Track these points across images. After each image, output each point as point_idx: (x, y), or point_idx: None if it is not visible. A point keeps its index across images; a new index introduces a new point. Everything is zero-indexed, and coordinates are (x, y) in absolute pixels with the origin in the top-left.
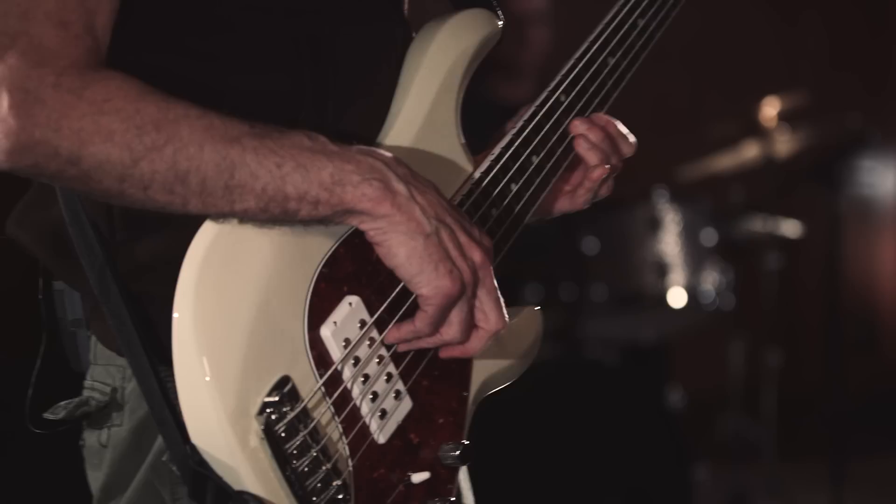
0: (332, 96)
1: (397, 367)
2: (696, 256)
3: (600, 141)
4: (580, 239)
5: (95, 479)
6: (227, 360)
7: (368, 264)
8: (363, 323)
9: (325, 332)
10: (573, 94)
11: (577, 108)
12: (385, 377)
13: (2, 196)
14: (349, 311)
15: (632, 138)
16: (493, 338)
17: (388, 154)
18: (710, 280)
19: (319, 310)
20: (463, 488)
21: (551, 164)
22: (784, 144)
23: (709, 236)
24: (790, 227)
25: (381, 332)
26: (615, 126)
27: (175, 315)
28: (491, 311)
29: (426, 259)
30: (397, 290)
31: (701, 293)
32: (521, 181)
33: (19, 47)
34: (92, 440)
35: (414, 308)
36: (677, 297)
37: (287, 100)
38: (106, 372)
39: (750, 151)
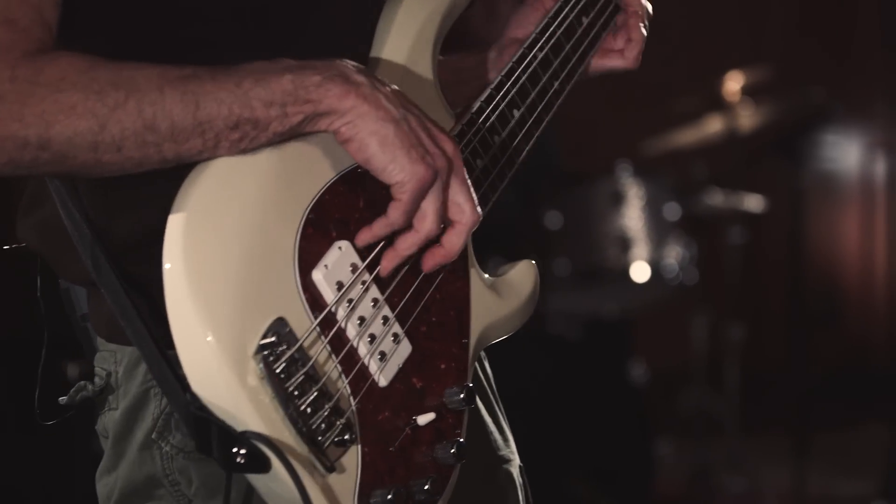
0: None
1: (393, 310)
2: (660, 231)
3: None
4: (543, 213)
5: (102, 464)
6: (221, 306)
7: (356, 211)
8: (355, 267)
9: (317, 275)
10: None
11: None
12: (381, 320)
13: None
14: (339, 255)
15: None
16: (468, 232)
17: (344, 59)
18: (674, 254)
19: (309, 253)
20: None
21: (555, 87)
22: (747, 119)
23: (672, 211)
24: (753, 202)
25: (372, 275)
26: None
27: (166, 265)
28: (465, 202)
29: (398, 145)
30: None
31: (664, 267)
32: (524, 106)
33: None
34: (100, 427)
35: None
36: (640, 272)
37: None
38: (102, 357)
39: (713, 126)
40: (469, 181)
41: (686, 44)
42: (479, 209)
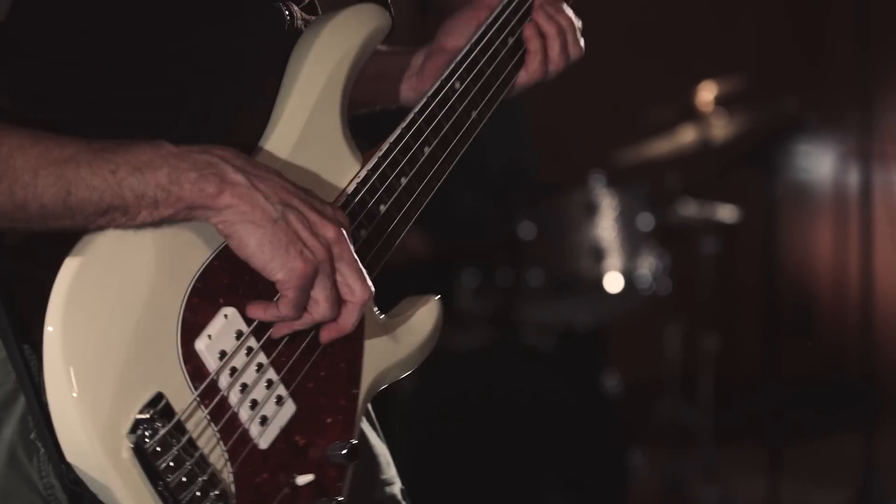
0: (214, 103)
1: (279, 372)
2: (633, 241)
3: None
4: (517, 223)
5: None
6: (98, 377)
7: (246, 274)
8: (240, 333)
9: (200, 345)
10: (468, 79)
11: (472, 94)
12: (265, 384)
13: None
14: (224, 324)
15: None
16: (362, 309)
17: (226, 149)
18: (647, 265)
19: (193, 324)
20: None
21: (446, 153)
22: (721, 129)
23: (645, 221)
24: (727, 212)
25: (258, 341)
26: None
27: (48, 328)
28: (354, 282)
29: (276, 244)
30: (278, 296)
31: (637, 278)
32: (412, 173)
33: None
34: None
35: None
36: (614, 282)
37: (167, 108)
38: None
39: (686, 136)
40: (357, 260)
41: (659, 54)
42: (370, 286)
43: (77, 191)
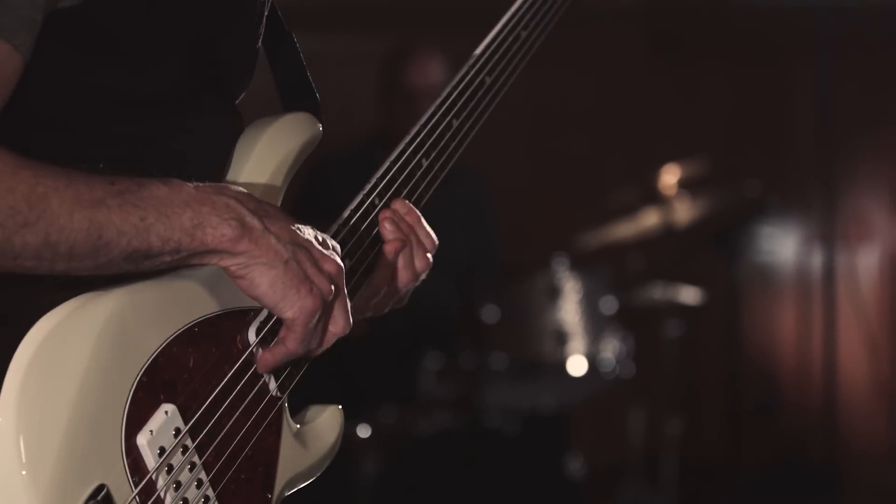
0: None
1: (208, 473)
2: (596, 324)
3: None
4: (480, 307)
5: None
6: (45, 469)
7: (185, 371)
8: (178, 431)
9: (142, 440)
10: (388, 194)
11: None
12: (196, 483)
13: None
14: (165, 420)
15: (433, 235)
16: (335, 339)
17: (238, 189)
18: (611, 348)
19: (137, 418)
20: None
21: (362, 269)
22: (684, 212)
23: (609, 304)
24: (690, 295)
25: (194, 440)
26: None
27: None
28: (340, 315)
29: (288, 284)
30: (212, 396)
31: (601, 361)
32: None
33: None
34: None
35: (229, 414)
36: (577, 366)
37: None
38: None
39: (650, 219)
40: (346, 294)
41: (621, 138)
42: (350, 321)
43: (107, 235)
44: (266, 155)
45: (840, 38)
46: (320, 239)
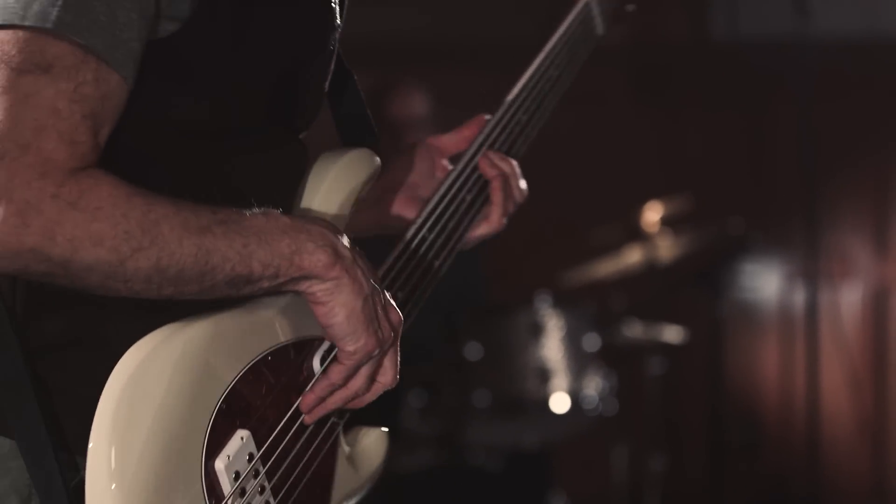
0: None
1: (275, 497)
2: (579, 362)
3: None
4: (463, 344)
5: None
6: (134, 487)
7: (258, 398)
8: (251, 456)
9: (219, 464)
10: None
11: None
12: None
13: None
14: (240, 446)
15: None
16: (381, 392)
17: (326, 222)
18: (593, 385)
19: (215, 443)
20: None
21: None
22: (666, 249)
23: (592, 341)
24: (673, 333)
25: (265, 464)
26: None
27: (91, 444)
28: (390, 368)
29: (361, 319)
30: (282, 423)
31: (584, 398)
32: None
33: (28, 159)
34: None
35: (295, 440)
36: (560, 403)
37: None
38: None
39: (632, 257)
40: (398, 349)
41: (604, 175)
42: (397, 376)
43: (213, 261)
44: (335, 188)
45: (821, 76)
46: (385, 294)
